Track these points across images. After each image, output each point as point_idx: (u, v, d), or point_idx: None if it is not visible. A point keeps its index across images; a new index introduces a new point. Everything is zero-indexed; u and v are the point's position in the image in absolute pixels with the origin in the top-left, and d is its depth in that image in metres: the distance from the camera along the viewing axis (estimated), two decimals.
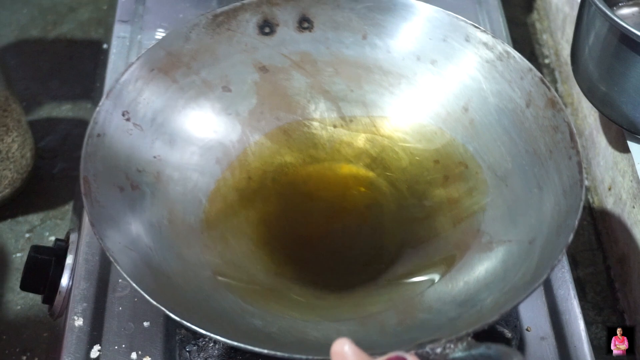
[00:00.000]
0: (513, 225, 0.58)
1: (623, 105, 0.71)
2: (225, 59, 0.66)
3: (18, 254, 0.90)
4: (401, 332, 0.55)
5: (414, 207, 0.65)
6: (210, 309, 0.55)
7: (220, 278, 0.59)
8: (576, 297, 0.67)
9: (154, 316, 0.63)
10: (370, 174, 0.67)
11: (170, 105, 0.64)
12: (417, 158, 0.66)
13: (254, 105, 0.68)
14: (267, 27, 0.67)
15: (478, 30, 0.64)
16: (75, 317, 0.63)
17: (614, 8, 0.75)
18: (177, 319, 0.49)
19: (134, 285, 0.50)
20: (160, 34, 0.87)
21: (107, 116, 0.60)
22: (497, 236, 0.59)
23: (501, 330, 0.60)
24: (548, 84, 0.60)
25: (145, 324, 0.63)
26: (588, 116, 0.93)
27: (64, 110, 1.05)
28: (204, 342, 0.60)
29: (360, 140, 0.68)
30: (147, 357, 0.61)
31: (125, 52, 0.85)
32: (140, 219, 0.58)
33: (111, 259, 0.52)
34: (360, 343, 0.54)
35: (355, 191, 0.67)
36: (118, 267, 0.51)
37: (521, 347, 0.63)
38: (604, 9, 0.66)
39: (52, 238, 0.90)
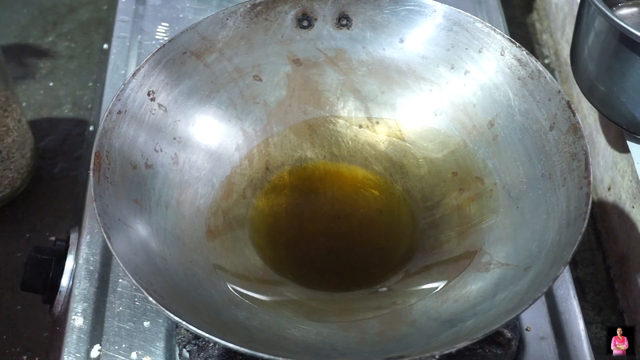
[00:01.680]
0: (514, 249, 0.58)
1: (623, 105, 0.71)
2: (260, 49, 0.67)
3: (18, 254, 0.90)
4: (379, 342, 0.55)
5: (424, 217, 0.64)
6: (197, 295, 0.55)
7: (216, 264, 0.59)
8: (576, 297, 0.67)
9: (154, 316, 0.63)
10: (387, 178, 0.67)
11: (198, 89, 0.64)
12: (437, 167, 0.66)
13: (283, 96, 0.68)
14: (305, 21, 0.67)
15: (514, 45, 0.63)
16: (76, 317, 0.63)
17: (614, 8, 0.75)
18: (153, 301, 0.48)
19: (119, 261, 0.50)
20: (160, 34, 0.87)
21: (131, 94, 0.60)
22: (497, 258, 0.58)
23: (501, 330, 0.60)
24: (574, 109, 0.59)
25: (146, 324, 0.63)
26: (588, 116, 0.93)
27: (64, 110, 1.05)
28: (203, 342, 0.60)
29: (383, 143, 0.68)
30: (147, 357, 0.61)
31: (125, 52, 0.85)
32: (147, 197, 0.58)
33: (104, 234, 0.52)
34: (337, 348, 0.54)
35: (369, 194, 0.67)
36: (109, 244, 0.51)
37: (521, 347, 0.63)
38: (603, 9, 0.66)
39: (52, 238, 0.90)
